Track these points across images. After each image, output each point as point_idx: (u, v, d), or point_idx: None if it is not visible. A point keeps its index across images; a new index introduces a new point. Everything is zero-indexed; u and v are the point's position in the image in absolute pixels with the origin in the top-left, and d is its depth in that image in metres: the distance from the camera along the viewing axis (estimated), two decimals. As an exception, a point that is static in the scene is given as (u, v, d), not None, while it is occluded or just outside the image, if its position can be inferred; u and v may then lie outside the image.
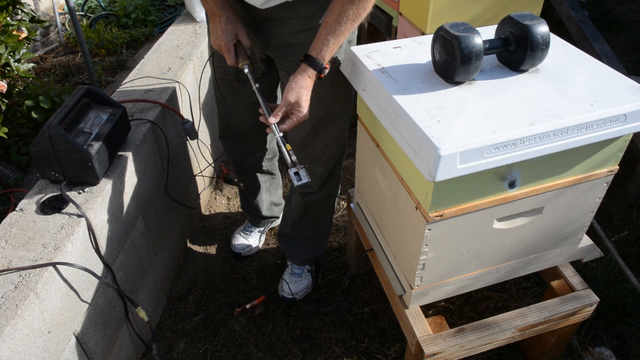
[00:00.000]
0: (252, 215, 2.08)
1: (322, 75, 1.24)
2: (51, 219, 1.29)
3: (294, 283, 1.88)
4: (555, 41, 1.34)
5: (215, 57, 1.55)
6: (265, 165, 1.91)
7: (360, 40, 1.58)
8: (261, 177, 1.94)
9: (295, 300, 1.88)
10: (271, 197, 2.04)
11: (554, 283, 1.49)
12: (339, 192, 1.82)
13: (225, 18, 1.29)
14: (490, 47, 1.20)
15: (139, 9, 3.42)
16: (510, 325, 1.36)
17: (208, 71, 2.26)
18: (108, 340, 1.44)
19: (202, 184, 2.26)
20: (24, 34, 2.14)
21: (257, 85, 1.28)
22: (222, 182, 1.97)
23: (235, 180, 1.93)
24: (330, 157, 1.60)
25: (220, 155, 2.47)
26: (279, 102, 1.70)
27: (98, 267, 1.36)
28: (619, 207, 2.19)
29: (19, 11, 2.08)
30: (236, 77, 1.56)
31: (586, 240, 1.48)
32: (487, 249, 1.29)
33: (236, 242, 2.07)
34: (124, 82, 1.88)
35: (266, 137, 1.82)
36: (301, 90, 1.23)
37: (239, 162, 1.87)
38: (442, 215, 1.14)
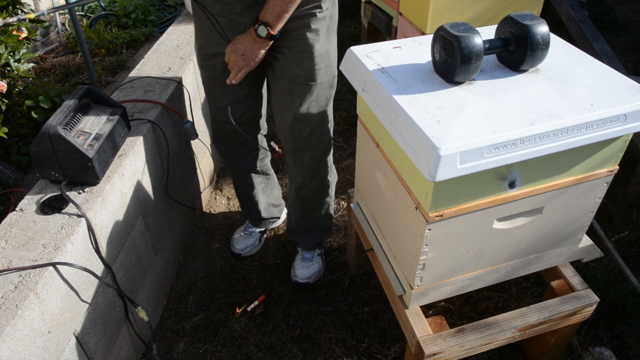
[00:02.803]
0: (251, 217, 2.08)
1: (269, 38, 1.35)
2: (51, 219, 1.29)
3: (306, 268, 1.92)
4: (555, 41, 1.34)
5: (202, 56, 1.59)
6: (259, 165, 1.93)
7: (360, 40, 1.59)
8: (256, 178, 1.96)
9: (309, 284, 1.91)
10: (268, 198, 2.04)
11: (554, 283, 1.49)
12: (336, 180, 1.85)
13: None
14: (490, 47, 1.20)
15: (139, 9, 3.42)
16: (510, 325, 1.36)
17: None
18: (108, 340, 1.44)
19: (202, 184, 2.26)
20: (24, 34, 2.14)
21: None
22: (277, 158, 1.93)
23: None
24: (318, 142, 1.63)
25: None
26: (264, 90, 1.75)
27: (98, 267, 1.36)
28: (619, 207, 2.19)
29: (19, 11, 2.08)
30: (224, 75, 1.57)
31: (586, 240, 1.48)
32: (487, 249, 1.29)
33: (236, 242, 2.07)
34: (124, 82, 1.88)
35: (257, 136, 1.84)
36: (241, 45, 1.39)
37: (234, 164, 1.89)
38: (442, 215, 1.14)
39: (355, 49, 1.34)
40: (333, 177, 1.82)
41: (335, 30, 1.53)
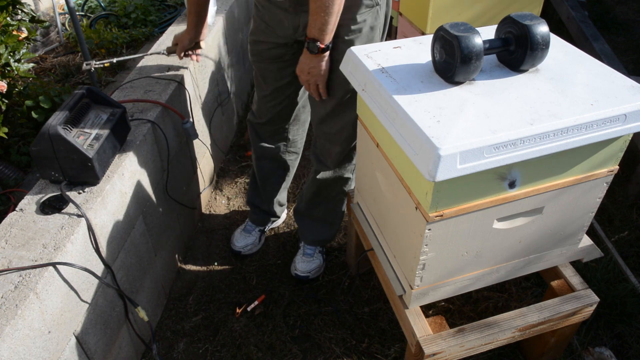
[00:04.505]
0: (253, 211, 2.08)
1: (322, 51, 1.41)
2: (51, 219, 1.29)
3: (307, 263, 1.94)
4: (555, 41, 1.34)
5: (251, 41, 1.68)
6: (284, 156, 1.96)
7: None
8: (277, 169, 1.99)
9: (309, 278, 1.93)
10: (279, 194, 2.06)
11: (554, 283, 1.49)
12: (354, 179, 1.85)
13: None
14: (490, 47, 1.20)
15: (139, 9, 3.42)
16: (510, 325, 1.36)
17: (209, 70, 2.26)
18: (108, 340, 1.44)
19: (202, 184, 2.26)
20: (24, 34, 2.14)
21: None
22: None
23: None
24: (347, 139, 1.67)
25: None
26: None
27: (98, 267, 1.36)
28: (619, 207, 2.19)
29: (19, 11, 2.08)
30: (266, 63, 1.68)
31: (586, 240, 1.48)
32: (487, 249, 1.29)
33: (236, 240, 2.07)
34: (124, 82, 1.88)
35: (289, 127, 1.88)
36: (304, 65, 1.48)
37: (261, 148, 1.92)
38: (442, 215, 1.14)
39: (355, 49, 1.34)
40: (354, 176, 1.83)
41: (377, 39, 1.55)
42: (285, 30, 1.55)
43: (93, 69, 1.85)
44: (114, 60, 1.89)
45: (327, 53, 1.44)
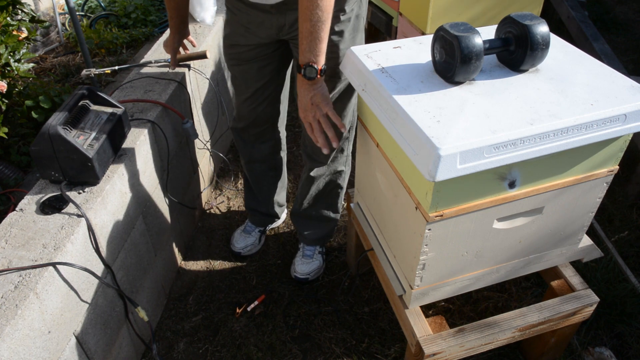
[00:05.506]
0: (253, 214, 2.08)
1: (320, 73, 1.32)
2: (51, 219, 1.29)
3: (306, 264, 1.94)
4: (555, 41, 1.34)
5: (227, 45, 1.65)
6: (272, 157, 1.95)
7: (360, 40, 1.60)
8: (269, 170, 1.98)
9: (308, 280, 1.93)
10: (276, 195, 2.05)
11: (554, 283, 1.49)
12: (349, 172, 1.85)
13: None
14: (490, 47, 1.20)
15: (139, 9, 3.42)
16: (510, 325, 1.36)
17: (208, 70, 2.26)
18: (108, 340, 1.44)
19: (202, 184, 2.26)
20: (24, 34, 2.14)
21: None
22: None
23: None
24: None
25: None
26: (287, 80, 1.80)
27: (98, 267, 1.36)
28: (619, 207, 2.19)
29: (19, 11, 2.09)
30: (243, 65, 1.66)
31: (586, 240, 1.48)
32: (487, 249, 1.29)
33: (236, 241, 2.07)
34: (124, 82, 1.88)
35: (274, 126, 1.87)
36: (304, 98, 1.36)
37: (248, 152, 1.91)
38: (442, 215, 1.14)
39: (355, 49, 1.34)
40: (347, 168, 1.83)
41: (361, 28, 1.56)
42: (267, 30, 1.53)
43: (93, 75, 1.87)
44: (116, 68, 1.94)
45: (324, 77, 1.34)
